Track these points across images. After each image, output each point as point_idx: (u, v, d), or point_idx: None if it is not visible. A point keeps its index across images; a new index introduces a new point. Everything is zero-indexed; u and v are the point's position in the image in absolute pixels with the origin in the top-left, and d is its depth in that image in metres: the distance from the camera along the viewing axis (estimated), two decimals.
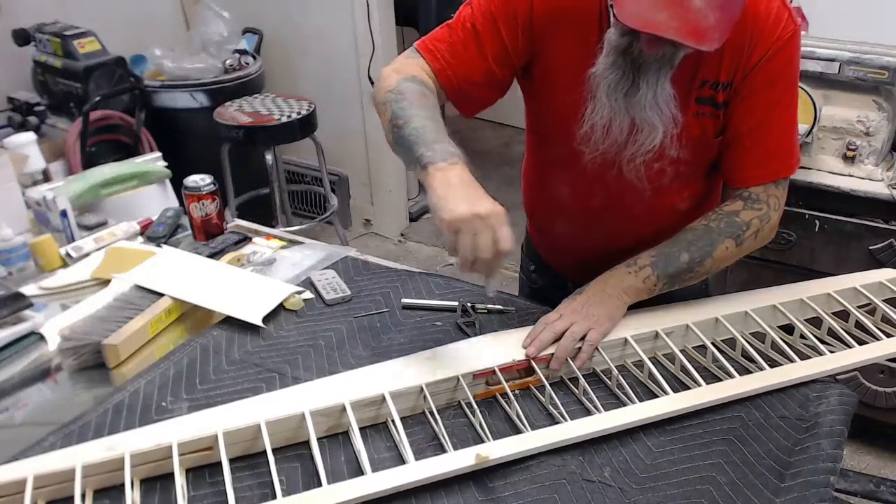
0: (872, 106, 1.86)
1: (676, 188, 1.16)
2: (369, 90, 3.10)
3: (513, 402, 0.96)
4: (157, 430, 0.90)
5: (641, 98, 0.98)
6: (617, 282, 1.09)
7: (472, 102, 1.14)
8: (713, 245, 1.09)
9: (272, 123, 2.56)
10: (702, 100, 1.06)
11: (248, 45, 3.01)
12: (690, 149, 1.09)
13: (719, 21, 0.88)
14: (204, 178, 1.48)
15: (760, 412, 0.97)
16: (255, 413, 0.92)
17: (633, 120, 1.01)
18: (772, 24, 1.01)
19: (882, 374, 1.93)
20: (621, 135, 1.03)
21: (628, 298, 1.08)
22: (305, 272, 1.36)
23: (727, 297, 1.18)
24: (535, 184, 1.31)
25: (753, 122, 1.06)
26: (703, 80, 1.05)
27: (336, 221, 2.98)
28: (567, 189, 1.22)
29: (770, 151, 1.09)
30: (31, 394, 1.09)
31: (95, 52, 2.57)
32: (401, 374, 0.99)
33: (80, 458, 0.85)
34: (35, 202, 1.59)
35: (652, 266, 1.08)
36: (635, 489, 0.86)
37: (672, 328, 1.09)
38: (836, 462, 0.88)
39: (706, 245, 1.09)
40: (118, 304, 1.22)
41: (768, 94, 1.05)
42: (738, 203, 1.11)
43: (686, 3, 0.86)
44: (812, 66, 1.87)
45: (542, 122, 1.21)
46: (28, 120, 2.45)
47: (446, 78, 1.10)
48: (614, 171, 1.11)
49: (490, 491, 0.87)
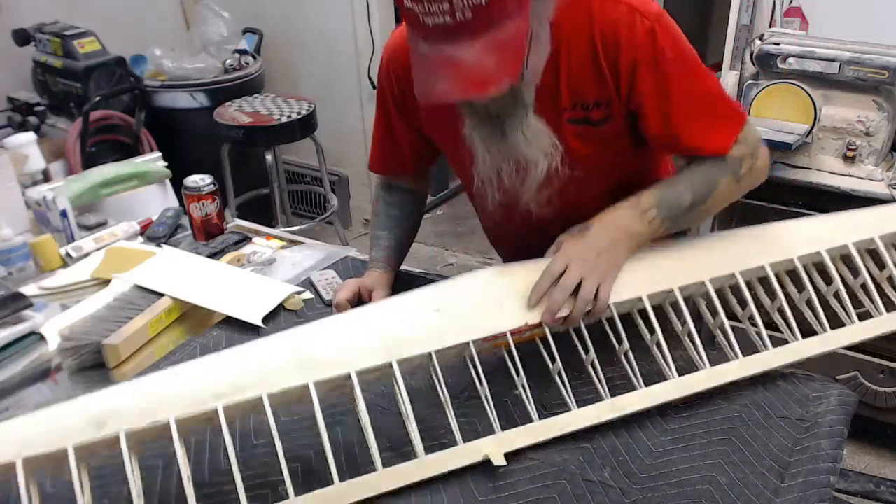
0: (872, 106, 1.86)
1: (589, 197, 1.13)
2: (369, 90, 3.10)
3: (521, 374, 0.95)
4: (142, 393, 0.86)
5: (514, 141, 1.02)
6: (624, 225, 1.03)
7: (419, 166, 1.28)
8: (714, 182, 1.05)
9: (272, 123, 2.56)
10: (575, 121, 1.05)
11: (248, 45, 3.01)
12: (584, 166, 1.09)
13: (500, 60, 0.87)
14: (204, 178, 1.48)
15: (760, 412, 0.97)
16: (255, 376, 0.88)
17: (517, 159, 1.05)
18: (626, 31, 0.98)
19: (882, 374, 1.93)
20: (511, 179, 1.07)
21: (634, 245, 1.04)
22: (305, 272, 1.36)
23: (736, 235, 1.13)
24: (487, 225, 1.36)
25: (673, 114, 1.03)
26: (573, 102, 1.04)
27: (336, 221, 2.98)
28: (494, 221, 1.28)
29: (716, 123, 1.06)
30: (31, 394, 1.09)
31: (95, 52, 2.57)
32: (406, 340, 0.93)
33: (70, 439, 0.81)
34: (35, 202, 1.59)
35: (657, 208, 1.04)
36: (635, 489, 0.86)
37: (687, 286, 1.04)
38: (836, 462, 0.88)
39: (707, 183, 1.05)
40: (118, 304, 1.22)
41: (666, 83, 1.01)
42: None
43: (457, 63, 0.86)
44: (812, 66, 1.87)
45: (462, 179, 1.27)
46: (28, 120, 2.45)
47: (396, 172, 1.29)
48: (521, 207, 1.13)
49: (490, 491, 0.87)
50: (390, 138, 1.24)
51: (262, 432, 0.96)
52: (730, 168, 1.06)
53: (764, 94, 1.93)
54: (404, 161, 1.26)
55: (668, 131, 1.04)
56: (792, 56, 1.90)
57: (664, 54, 0.99)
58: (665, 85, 1.01)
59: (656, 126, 1.04)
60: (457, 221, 3.50)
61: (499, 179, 1.08)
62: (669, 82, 1.00)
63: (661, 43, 0.98)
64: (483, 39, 0.85)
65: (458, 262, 3.21)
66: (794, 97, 1.89)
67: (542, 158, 1.04)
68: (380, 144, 1.28)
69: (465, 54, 0.85)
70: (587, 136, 1.06)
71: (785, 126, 1.89)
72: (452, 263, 3.19)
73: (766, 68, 1.93)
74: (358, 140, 3.26)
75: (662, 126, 1.03)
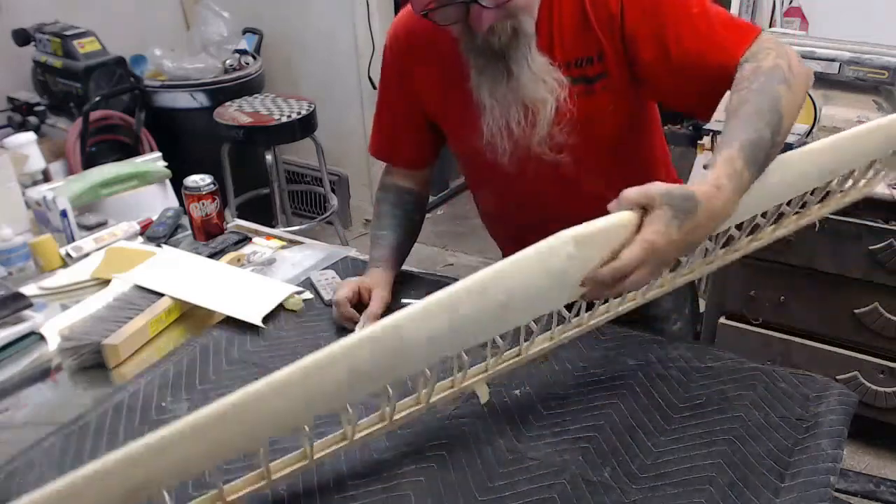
0: (872, 106, 1.86)
1: (595, 171, 1.13)
2: (369, 90, 3.11)
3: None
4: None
5: (521, 78, 1.02)
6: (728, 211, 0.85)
7: (420, 158, 1.31)
8: (776, 100, 0.91)
9: (272, 123, 2.56)
10: (573, 79, 1.05)
11: (248, 45, 3.01)
12: (584, 128, 1.08)
13: None
14: (204, 178, 1.48)
15: (760, 412, 0.97)
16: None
17: (524, 104, 1.04)
18: None
19: (882, 374, 1.93)
20: (520, 125, 1.06)
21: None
22: (305, 272, 1.36)
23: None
24: (485, 215, 1.38)
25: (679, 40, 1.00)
26: (566, 62, 1.05)
27: (336, 221, 2.98)
28: (499, 201, 1.27)
29: (720, 37, 1.01)
30: (31, 394, 1.09)
31: (95, 52, 2.57)
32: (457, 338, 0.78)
33: None
34: (35, 202, 1.59)
35: (746, 163, 0.85)
36: (635, 489, 0.86)
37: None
38: (836, 462, 0.88)
39: (771, 104, 0.90)
40: (118, 304, 1.22)
41: (657, 15, 1.00)
42: (748, 65, 0.97)
43: None
44: (812, 66, 1.87)
45: (458, 155, 1.28)
46: (28, 120, 2.45)
47: (394, 161, 1.31)
48: (532, 162, 1.11)
49: (490, 491, 0.87)
50: (392, 123, 1.27)
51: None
52: (776, 77, 0.93)
53: None
54: (403, 149, 1.29)
55: (669, 64, 1.02)
56: None
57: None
58: (655, 17, 1.01)
59: (656, 63, 1.02)
60: (457, 221, 3.50)
61: (507, 128, 1.07)
62: (658, 13, 1.01)
63: None
64: None
65: (458, 262, 3.21)
66: None
67: (549, 96, 1.04)
68: (380, 129, 1.30)
69: None
70: (584, 95, 1.06)
71: None
72: (452, 263, 3.19)
73: None
74: (358, 140, 3.26)
75: (662, 60, 1.02)
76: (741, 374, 1.04)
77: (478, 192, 1.34)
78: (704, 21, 1.01)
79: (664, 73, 1.04)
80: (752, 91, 0.92)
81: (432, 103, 1.21)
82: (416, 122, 1.24)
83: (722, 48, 1.00)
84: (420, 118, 1.23)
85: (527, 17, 1.01)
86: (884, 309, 1.86)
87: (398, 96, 1.23)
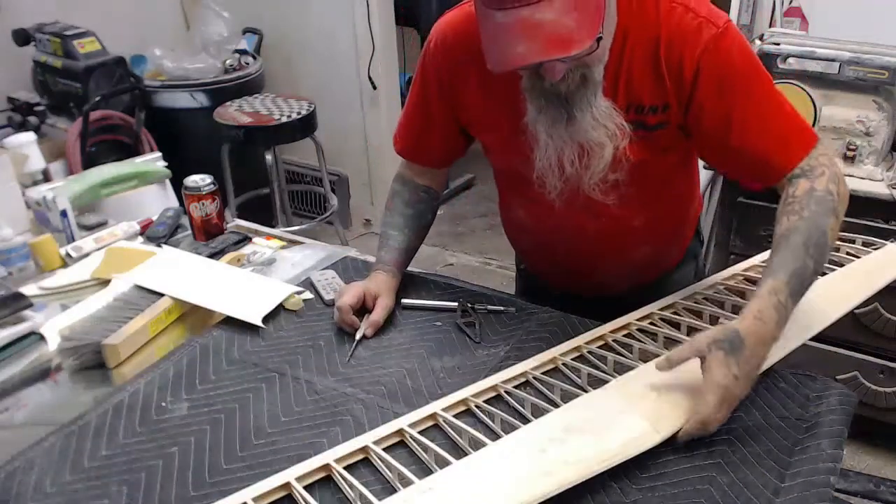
0: (872, 106, 1.86)
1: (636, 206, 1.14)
2: (369, 90, 3.11)
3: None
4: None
5: (582, 122, 0.99)
6: (772, 338, 0.93)
7: (447, 161, 1.29)
8: (824, 234, 0.96)
9: (272, 123, 2.56)
10: (635, 125, 1.03)
11: (248, 45, 3.01)
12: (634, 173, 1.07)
13: (580, 20, 0.87)
14: (204, 178, 1.48)
15: (760, 412, 0.97)
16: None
17: (581, 146, 1.02)
18: (692, 36, 0.98)
19: (882, 374, 1.93)
20: (574, 165, 1.04)
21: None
22: (305, 272, 1.36)
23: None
24: (511, 221, 1.33)
25: (744, 124, 1.01)
26: (627, 104, 1.03)
27: (336, 221, 2.98)
28: (537, 224, 1.23)
29: (783, 137, 1.03)
30: (31, 394, 1.09)
31: (95, 52, 2.57)
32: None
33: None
34: (35, 202, 1.59)
35: (791, 294, 0.93)
36: (635, 489, 0.86)
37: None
38: (836, 462, 0.88)
39: (819, 238, 0.96)
40: (118, 304, 1.22)
41: (728, 92, 1.00)
42: (802, 182, 1.00)
43: (537, 25, 0.85)
44: (812, 66, 1.87)
45: (498, 170, 1.26)
46: (28, 120, 2.45)
47: (419, 161, 1.28)
48: (578, 198, 1.09)
49: None
50: (424, 124, 1.22)
51: (261, 431, 0.96)
52: (826, 207, 0.98)
53: None
54: (432, 151, 1.26)
55: (728, 142, 1.02)
56: (792, 56, 1.90)
57: (728, 62, 0.99)
58: (728, 94, 1.00)
59: (715, 135, 1.02)
60: (457, 221, 3.51)
61: (560, 166, 1.04)
62: (732, 92, 1.00)
63: (725, 50, 0.99)
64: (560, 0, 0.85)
65: (458, 262, 3.21)
66: (794, 97, 1.89)
67: (608, 141, 1.01)
68: (409, 128, 1.26)
69: (544, 14, 0.85)
70: (639, 140, 1.04)
71: None
72: (452, 263, 3.19)
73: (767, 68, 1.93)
74: (358, 140, 3.26)
75: (722, 135, 1.02)
76: None
77: (509, 200, 1.29)
78: (772, 115, 1.02)
79: (719, 146, 1.04)
80: (803, 219, 0.97)
81: (474, 115, 1.16)
82: (450, 127, 1.20)
83: (782, 149, 1.02)
84: (454, 124, 1.20)
85: (598, 66, 0.97)
86: (884, 309, 1.86)
87: (436, 99, 1.18)
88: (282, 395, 1.03)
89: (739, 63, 1.00)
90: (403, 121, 1.27)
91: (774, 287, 0.93)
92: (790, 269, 0.94)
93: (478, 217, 3.51)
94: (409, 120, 1.25)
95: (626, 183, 1.08)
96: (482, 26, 0.91)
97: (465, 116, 1.18)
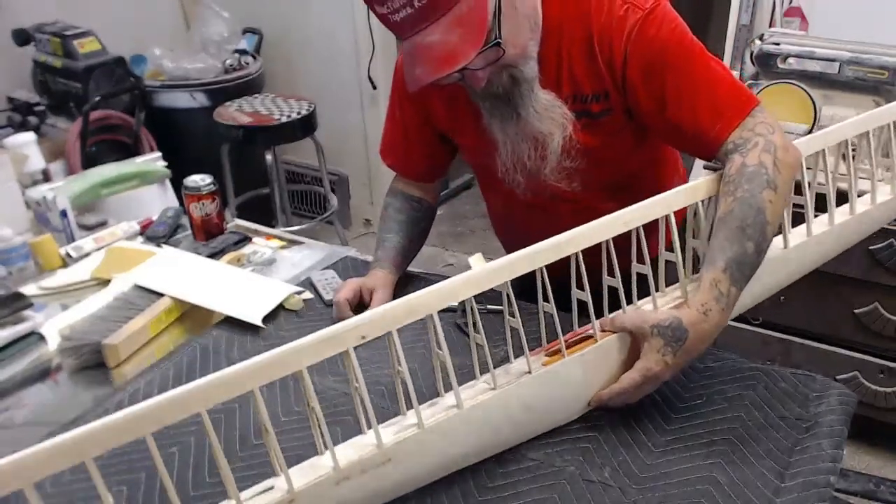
0: (872, 106, 1.85)
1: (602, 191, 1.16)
2: (369, 90, 3.11)
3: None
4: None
5: (527, 117, 1.06)
6: (714, 334, 0.95)
7: (432, 173, 1.34)
8: (761, 211, 0.94)
9: (272, 123, 2.56)
10: (575, 113, 1.08)
11: (248, 45, 3.01)
12: (588, 158, 1.11)
13: (463, 34, 0.91)
14: (204, 178, 1.48)
15: (760, 412, 0.97)
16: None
17: (534, 137, 1.08)
18: (619, 23, 1.01)
19: (882, 374, 1.93)
20: (531, 159, 1.10)
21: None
22: (305, 272, 1.36)
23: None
24: (494, 217, 1.41)
25: (677, 100, 1.02)
26: (572, 94, 1.07)
27: (336, 221, 2.98)
28: (515, 217, 1.29)
29: (715, 107, 1.02)
30: (31, 394, 1.09)
31: (95, 52, 2.57)
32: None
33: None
34: (35, 202, 1.59)
35: (732, 282, 0.93)
36: (635, 489, 0.86)
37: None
38: (836, 462, 0.88)
39: (755, 217, 0.94)
40: (118, 304, 1.22)
41: (660, 76, 1.01)
42: (735, 158, 0.99)
43: (426, 47, 0.92)
44: (812, 66, 1.87)
45: (475, 169, 1.31)
46: (28, 120, 2.45)
47: (407, 174, 1.33)
48: (544, 187, 1.15)
49: (490, 491, 0.87)
50: (403, 136, 1.28)
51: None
52: (761, 182, 0.96)
53: (764, 94, 1.93)
54: (417, 162, 1.30)
55: (665, 120, 1.04)
56: (792, 56, 1.90)
57: (654, 43, 1.01)
58: (658, 74, 1.02)
59: (652, 114, 1.04)
60: (457, 221, 3.51)
61: (521, 163, 1.11)
62: (662, 71, 1.01)
63: (650, 32, 1.01)
64: (444, 20, 0.90)
65: (458, 262, 3.21)
66: (794, 97, 1.89)
67: (556, 130, 1.07)
68: (392, 142, 1.31)
69: (430, 37, 0.91)
70: (588, 128, 1.09)
71: (785, 126, 1.89)
72: (452, 263, 3.19)
73: (766, 68, 1.93)
74: (358, 140, 3.26)
75: (658, 114, 1.04)
76: (741, 373, 1.04)
77: (489, 196, 1.35)
78: (703, 87, 1.03)
79: (660, 125, 1.07)
80: (737, 200, 0.96)
81: (445, 122, 1.22)
82: (428, 136, 1.25)
83: (715, 118, 1.02)
84: (431, 133, 1.25)
85: (525, 63, 1.02)
86: (884, 309, 1.86)
87: (412, 112, 1.24)
88: (282, 395, 1.03)
89: (667, 41, 1.01)
90: (385, 134, 1.32)
91: (715, 278, 0.93)
92: (728, 256, 0.94)
93: (478, 217, 3.50)
94: (390, 133, 1.31)
95: (584, 169, 1.13)
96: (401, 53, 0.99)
97: (438, 123, 1.23)
